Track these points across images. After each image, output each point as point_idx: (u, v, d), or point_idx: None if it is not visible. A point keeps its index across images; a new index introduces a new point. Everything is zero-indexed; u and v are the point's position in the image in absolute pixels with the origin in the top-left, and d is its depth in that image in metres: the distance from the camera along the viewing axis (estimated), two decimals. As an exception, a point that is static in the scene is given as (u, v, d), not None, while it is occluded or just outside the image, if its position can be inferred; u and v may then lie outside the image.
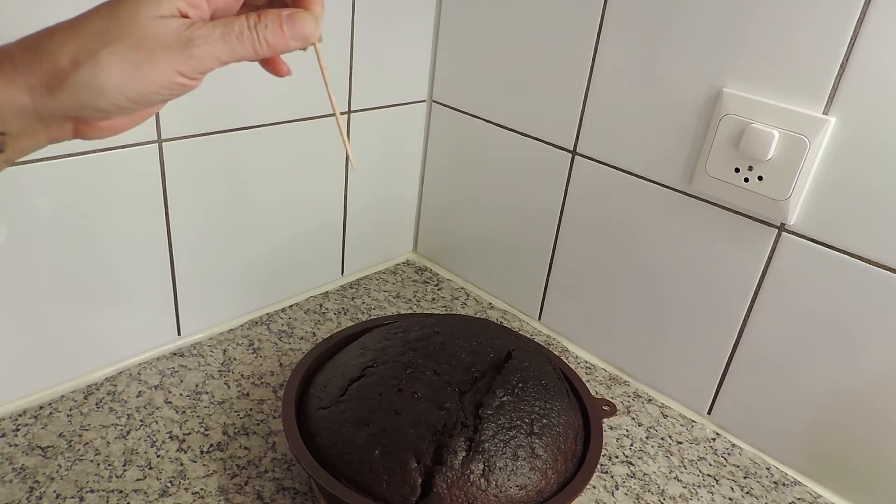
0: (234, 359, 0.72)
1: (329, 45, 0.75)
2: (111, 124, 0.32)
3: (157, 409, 0.64)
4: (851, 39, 0.53)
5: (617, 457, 0.65)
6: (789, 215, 0.59)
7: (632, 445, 0.67)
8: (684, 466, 0.65)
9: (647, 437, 0.68)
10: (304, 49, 0.34)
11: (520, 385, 0.54)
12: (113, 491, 0.55)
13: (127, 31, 0.29)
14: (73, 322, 0.63)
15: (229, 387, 0.68)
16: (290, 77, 0.75)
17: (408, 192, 0.94)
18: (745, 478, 0.64)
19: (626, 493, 0.61)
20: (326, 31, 0.73)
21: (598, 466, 0.59)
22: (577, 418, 0.57)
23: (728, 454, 0.67)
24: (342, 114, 0.38)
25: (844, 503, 0.63)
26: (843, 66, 0.54)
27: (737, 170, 0.60)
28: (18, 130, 0.30)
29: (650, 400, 0.74)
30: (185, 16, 0.30)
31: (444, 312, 0.85)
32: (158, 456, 0.59)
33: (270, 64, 0.36)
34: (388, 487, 0.48)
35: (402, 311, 0.84)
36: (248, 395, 0.67)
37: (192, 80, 0.31)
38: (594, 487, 0.61)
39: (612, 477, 0.63)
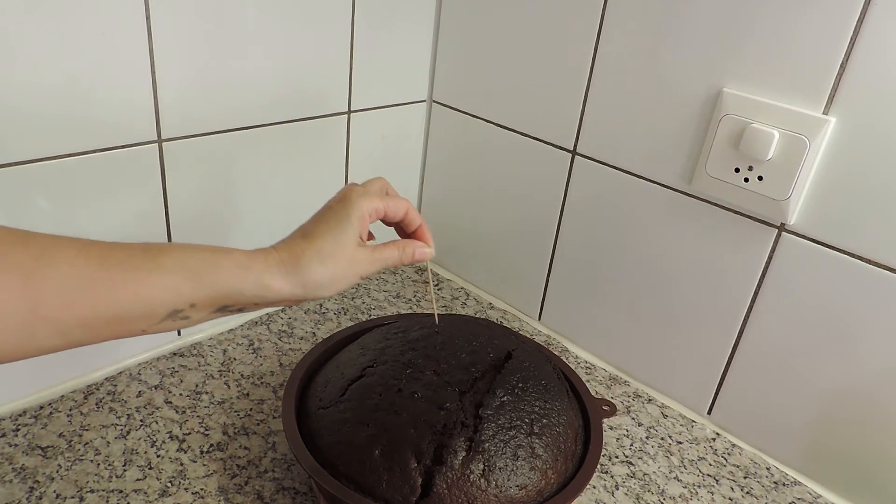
0: (234, 359, 0.72)
1: (329, 44, 0.75)
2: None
3: (157, 409, 0.64)
4: (851, 39, 0.53)
5: (617, 457, 0.65)
6: (789, 215, 0.59)
7: (632, 445, 0.67)
8: (684, 466, 0.65)
9: (647, 437, 0.68)
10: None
11: (520, 385, 0.54)
12: (113, 491, 0.55)
13: (346, 256, 0.45)
14: (73, 322, 0.63)
15: (229, 387, 0.68)
16: (290, 77, 0.75)
17: (408, 191, 0.94)
18: (745, 478, 0.64)
19: (626, 493, 0.61)
20: (327, 30, 0.73)
21: (598, 466, 0.59)
22: (577, 418, 0.57)
23: (728, 454, 0.67)
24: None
25: (844, 503, 0.63)
26: (843, 66, 0.54)
27: (737, 170, 0.60)
28: (245, 306, 0.43)
29: (650, 400, 0.74)
30: (361, 238, 0.46)
31: (444, 312, 0.85)
32: (158, 456, 0.59)
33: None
34: (388, 487, 0.48)
35: (402, 311, 0.84)
36: (248, 395, 0.67)
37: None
38: (594, 487, 0.61)
39: (612, 477, 0.63)
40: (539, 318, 0.85)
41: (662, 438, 0.68)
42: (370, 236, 0.50)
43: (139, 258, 0.37)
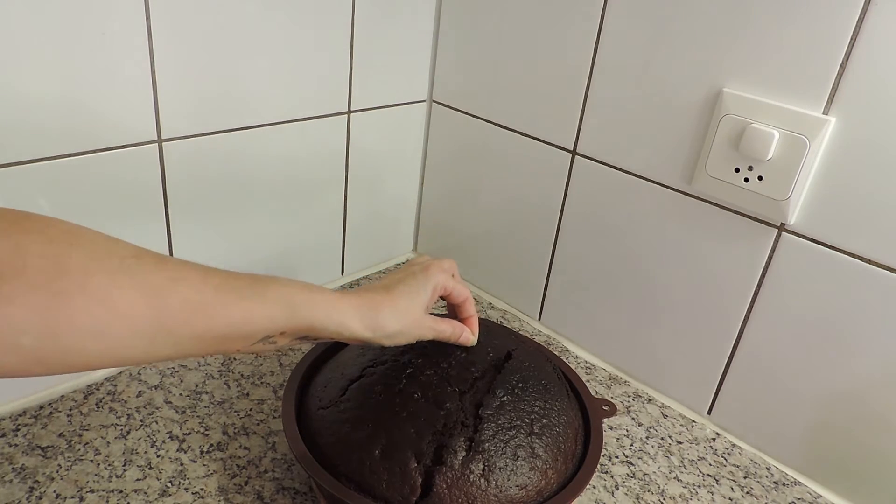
0: (234, 359, 0.72)
1: (329, 44, 0.75)
2: None
3: (157, 409, 0.64)
4: (851, 39, 0.53)
5: (617, 457, 0.65)
6: (789, 215, 0.59)
7: (632, 445, 0.67)
8: (684, 466, 0.65)
9: (647, 437, 0.68)
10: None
11: (520, 385, 0.54)
12: (113, 491, 0.55)
13: (415, 317, 0.51)
14: (73, 322, 0.63)
15: (229, 387, 0.68)
16: (290, 77, 0.75)
17: (408, 192, 0.94)
18: (745, 478, 0.64)
19: (626, 493, 0.61)
20: (327, 30, 0.73)
21: (598, 466, 0.59)
22: (577, 418, 0.57)
23: (728, 454, 0.67)
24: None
25: (844, 503, 0.63)
26: (843, 66, 0.54)
27: (737, 170, 0.61)
28: (320, 337, 0.47)
29: (650, 400, 0.74)
30: (427, 306, 0.53)
31: (444, 313, 0.85)
32: (158, 456, 0.59)
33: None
34: (388, 487, 0.48)
35: (402, 311, 0.84)
36: (248, 395, 0.67)
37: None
38: (594, 487, 0.61)
39: (612, 477, 0.63)
40: (539, 318, 0.85)
41: (662, 438, 0.68)
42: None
43: (249, 288, 0.42)
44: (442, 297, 0.56)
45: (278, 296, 0.43)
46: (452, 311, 0.58)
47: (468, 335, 0.57)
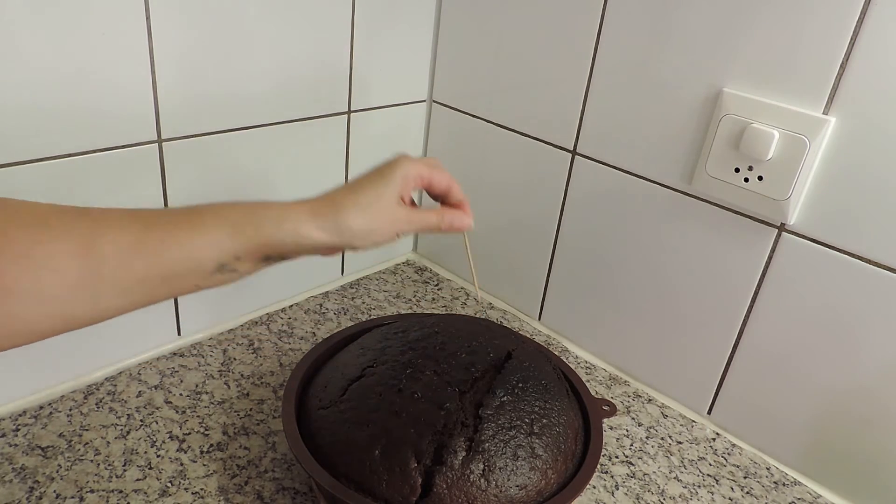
0: (234, 359, 0.72)
1: (329, 44, 0.75)
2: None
3: (157, 409, 0.64)
4: (851, 39, 0.53)
5: (617, 457, 0.65)
6: (789, 215, 0.59)
7: (632, 445, 0.67)
8: (684, 466, 0.65)
9: (647, 437, 0.68)
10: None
11: (520, 385, 0.54)
12: (113, 491, 0.55)
13: (385, 210, 0.46)
14: (73, 322, 0.63)
15: (229, 387, 0.68)
16: (290, 77, 0.75)
17: (408, 192, 0.94)
18: (745, 478, 0.64)
19: (626, 493, 0.61)
20: (327, 29, 0.73)
21: (598, 466, 0.59)
22: (577, 418, 0.57)
23: (728, 454, 0.67)
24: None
25: (844, 503, 0.63)
26: (843, 66, 0.54)
27: (737, 170, 0.60)
28: (285, 255, 0.44)
29: (650, 400, 0.74)
30: (403, 199, 0.48)
31: (444, 312, 0.85)
32: (158, 456, 0.59)
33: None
34: (388, 487, 0.48)
35: (402, 311, 0.84)
36: (248, 395, 0.67)
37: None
38: (594, 487, 0.61)
39: (612, 477, 0.63)
40: (539, 318, 0.85)
41: (662, 438, 0.68)
42: (412, 204, 0.51)
43: (182, 218, 0.40)
44: (430, 196, 0.52)
45: (217, 219, 0.41)
46: (441, 204, 0.54)
47: (462, 218, 0.52)
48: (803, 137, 0.56)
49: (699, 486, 0.63)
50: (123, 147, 0.61)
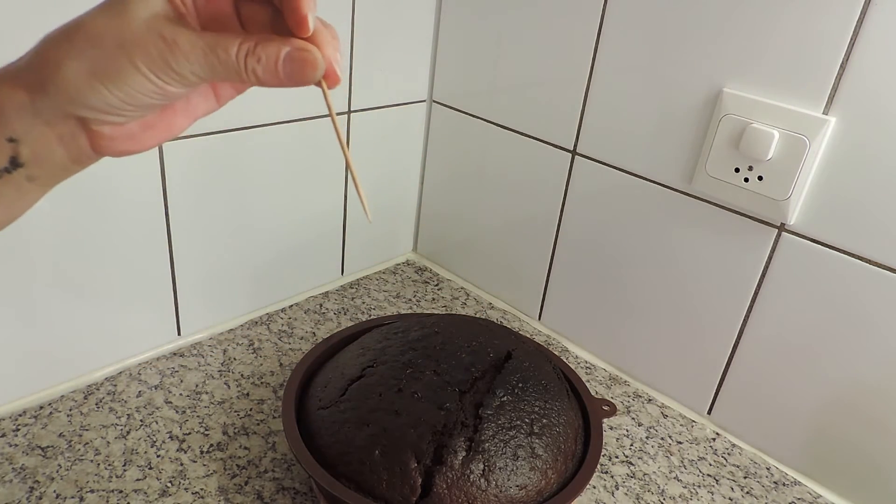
0: (234, 359, 0.72)
1: (329, 45, 0.75)
2: (123, 136, 0.32)
3: (157, 409, 0.64)
4: (851, 39, 0.53)
5: (617, 457, 0.65)
6: (789, 215, 0.59)
7: (632, 445, 0.67)
8: (684, 466, 0.65)
9: (647, 437, 0.68)
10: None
11: (520, 385, 0.54)
12: (113, 491, 0.55)
13: (126, 32, 0.28)
14: (73, 322, 0.63)
15: (229, 387, 0.68)
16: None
17: (408, 192, 0.94)
18: (745, 478, 0.64)
19: (626, 493, 0.61)
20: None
21: (598, 466, 0.59)
22: (577, 418, 0.57)
23: (728, 454, 0.67)
24: (338, 122, 0.37)
25: (844, 503, 0.63)
26: (843, 66, 0.54)
27: (737, 170, 0.60)
28: (24, 132, 0.29)
29: (650, 400, 0.74)
30: (180, 13, 0.29)
31: (444, 312, 0.85)
32: (158, 456, 0.59)
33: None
34: (388, 487, 0.48)
35: (402, 311, 0.84)
36: (248, 395, 0.67)
37: (183, 88, 0.29)
38: (594, 487, 0.61)
39: (612, 477, 0.63)
40: (539, 318, 0.85)
41: (662, 438, 0.68)
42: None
43: None
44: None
45: None
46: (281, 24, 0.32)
47: (301, 51, 0.30)
48: (803, 137, 0.56)
49: (699, 486, 0.63)
50: (123, 147, 0.61)
